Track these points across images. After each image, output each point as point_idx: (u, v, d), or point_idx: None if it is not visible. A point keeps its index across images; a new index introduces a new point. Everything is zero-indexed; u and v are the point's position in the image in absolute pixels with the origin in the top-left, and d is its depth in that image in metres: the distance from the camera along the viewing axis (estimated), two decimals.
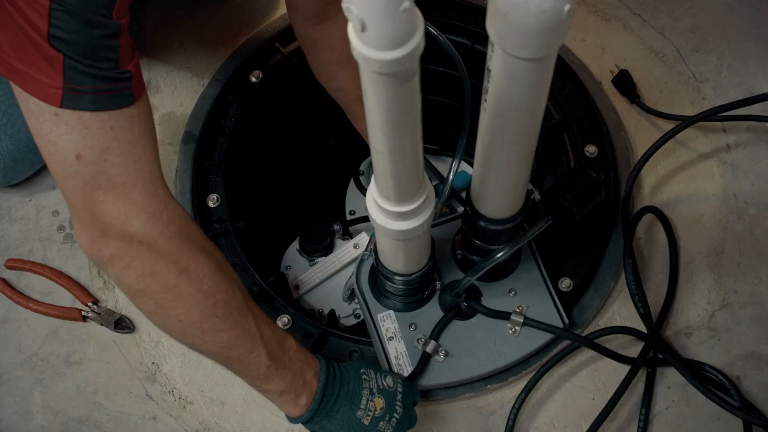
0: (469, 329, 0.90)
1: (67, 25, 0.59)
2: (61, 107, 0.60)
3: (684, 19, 1.18)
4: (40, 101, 0.60)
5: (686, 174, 1.06)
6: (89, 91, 0.61)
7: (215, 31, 1.19)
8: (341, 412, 0.77)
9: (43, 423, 0.93)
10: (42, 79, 0.60)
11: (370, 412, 0.78)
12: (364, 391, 0.79)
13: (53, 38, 0.58)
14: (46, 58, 0.59)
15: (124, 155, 0.64)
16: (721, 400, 0.87)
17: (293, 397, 0.76)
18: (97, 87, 0.61)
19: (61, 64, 0.59)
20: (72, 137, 0.62)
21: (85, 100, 0.61)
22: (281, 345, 0.76)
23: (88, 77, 0.61)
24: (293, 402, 0.76)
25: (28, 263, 1.01)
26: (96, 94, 0.62)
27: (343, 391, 0.78)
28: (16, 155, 1.00)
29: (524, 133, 0.64)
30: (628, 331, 0.92)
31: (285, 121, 1.20)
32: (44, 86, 0.60)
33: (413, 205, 0.67)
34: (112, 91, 0.63)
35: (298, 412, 0.77)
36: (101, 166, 0.63)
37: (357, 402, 0.78)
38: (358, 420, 0.77)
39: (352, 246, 1.06)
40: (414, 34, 0.46)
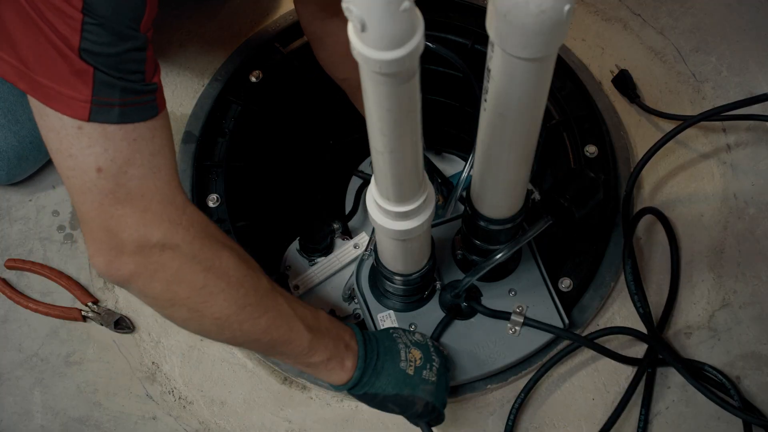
0: (469, 329, 0.90)
1: (98, 38, 0.59)
2: (88, 121, 0.61)
3: (684, 19, 1.18)
4: (64, 116, 0.61)
5: (686, 174, 1.06)
6: (117, 104, 0.62)
7: (215, 31, 1.19)
8: (386, 367, 0.78)
9: (43, 423, 0.93)
10: (69, 93, 0.60)
11: (411, 363, 0.80)
12: (400, 345, 0.81)
13: (84, 52, 0.59)
14: (75, 71, 0.59)
15: (145, 167, 0.65)
16: (721, 400, 0.87)
17: (339, 361, 0.77)
18: (124, 99, 0.62)
19: (91, 78, 0.60)
20: (94, 150, 0.62)
21: (112, 113, 0.61)
22: (315, 317, 0.78)
23: (116, 90, 0.61)
24: (340, 366, 0.77)
25: (28, 263, 1.01)
26: (123, 107, 0.62)
27: (382, 348, 0.80)
28: (20, 152, 1.00)
29: (524, 133, 0.64)
30: (628, 332, 0.92)
31: (285, 121, 1.20)
32: (71, 100, 0.60)
33: (413, 205, 0.67)
34: (138, 103, 0.64)
35: (347, 375, 0.77)
36: (121, 179, 0.63)
37: (397, 355, 0.79)
38: (403, 371, 0.79)
39: (352, 246, 1.06)
40: (414, 34, 0.46)
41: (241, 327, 0.71)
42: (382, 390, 0.78)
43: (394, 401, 0.79)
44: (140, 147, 0.64)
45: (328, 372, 0.78)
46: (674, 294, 0.97)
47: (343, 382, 0.78)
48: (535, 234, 0.82)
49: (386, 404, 0.79)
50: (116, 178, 0.63)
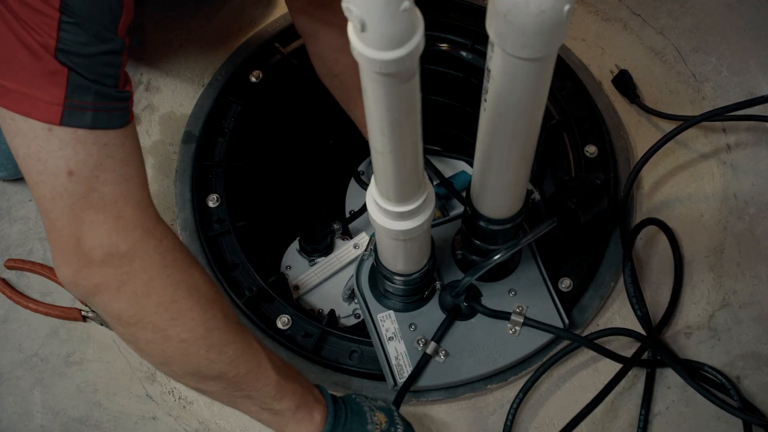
0: (469, 329, 0.90)
1: (75, 37, 0.58)
2: (60, 124, 0.59)
3: (684, 19, 1.18)
4: (31, 119, 0.58)
5: (686, 174, 1.06)
6: (89, 107, 0.60)
7: (215, 31, 1.19)
8: (354, 428, 0.75)
9: (43, 423, 0.93)
10: (39, 95, 0.58)
11: (378, 425, 0.76)
12: (365, 408, 0.78)
13: (60, 52, 0.58)
14: (48, 72, 0.58)
15: (117, 173, 0.62)
16: (720, 401, 0.87)
17: (308, 412, 0.73)
18: (97, 104, 0.60)
19: (65, 79, 0.58)
20: (64, 153, 0.60)
21: (85, 117, 0.60)
22: (284, 363, 0.75)
23: (89, 93, 0.60)
24: (309, 418, 0.73)
25: (28, 263, 1.01)
26: (96, 111, 0.60)
27: (349, 409, 0.77)
28: None
29: (524, 133, 0.64)
30: (626, 333, 0.92)
31: (285, 121, 1.20)
32: (41, 103, 0.58)
33: (413, 205, 0.67)
34: (111, 109, 0.62)
35: (316, 430, 0.73)
36: (93, 183, 0.61)
37: (364, 418, 0.76)
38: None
39: (352, 246, 1.06)
40: (414, 34, 0.46)
41: (207, 354, 0.67)
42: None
43: None
44: (111, 152, 0.62)
45: (296, 423, 0.73)
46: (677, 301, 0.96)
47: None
48: (538, 235, 0.82)
49: None
50: (88, 182, 0.61)
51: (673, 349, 0.94)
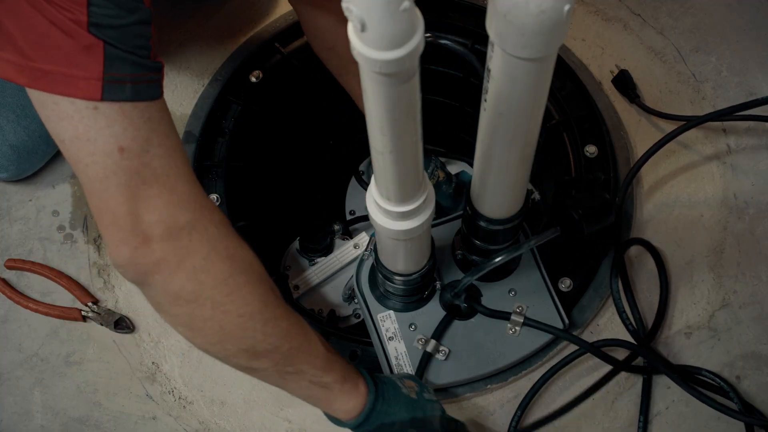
0: (469, 329, 0.90)
1: (106, 11, 0.58)
2: (101, 100, 0.58)
3: (684, 19, 1.18)
4: (75, 99, 0.58)
5: (686, 174, 1.06)
6: (128, 79, 0.60)
7: (215, 31, 1.19)
8: (391, 394, 0.75)
9: (43, 423, 0.93)
10: (77, 73, 0.58)
11: (410, 390, 0.77)
12: (394, 378, 0.79)
13: (92, 26, 0.57)
14: (84, 48, 0.57)
15: (163, 146, 0.62)
16: (720, 405, 0.87)
17: (354, 383, 0.73)
18: (135, 75, 0.60)
19: (101, 52, 0.58)
20: (113, 130, 0.59)
21: (124, 90, 0.59)
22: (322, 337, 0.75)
23: (126, 64, 0.60)
24: (355, 389, 0.73)
25: (28, 263, 1.01)
26: (135, 83, 0.60)
27: (382, 379, 0.77)
28: (30, 146, 1.01)
29: (524, 133, 0.64)
30: (619, 343, 0.91)
31: (285, 121, 1.20)
32: (80, 81, 0.58)
33: (413, 205, 0.67)
34: (148, 81, 0.62)
35: (362, 400, 0.73)
36: (144, 158, 0.61)
37: (398, 385, 0.77)
38: (407, 396, 0.76)
39: (352, 246, 1.06)
40: (414, 34, 0.46)
41: (264, 328, 0.67)
42: (398, 417, 0.74)
43: (412, 425, 0.74)
44: (155, 126, 0.62)
45: (343, 395, 0.73)
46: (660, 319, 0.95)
47: (358, 409, 0.73)
48: (540, 242, 0.83)
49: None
50: (140, 157, 0.60)
51: (673, 349, 0.94)
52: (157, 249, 0.62)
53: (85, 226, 1.05)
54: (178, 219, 0.63)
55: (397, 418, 0.74)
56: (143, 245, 0.62)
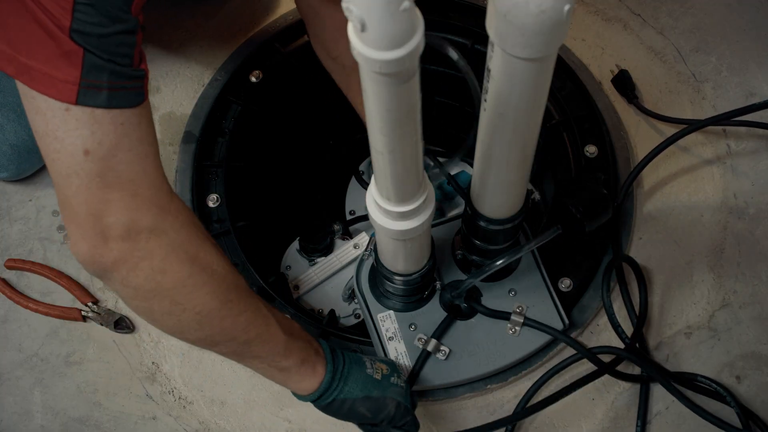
0: (469, 329, 0.90)
1: (90, 18, 0.59)
2: (75, 104, 0.60)
3: (684, 19, 1.18)
4: (49, 98, 0.59)
5: (686, 174, 1.06)
6: (105, 86, 0.61)
7: (215, 31, 1.19)
8: (353, 373, 0.79)
9: (43, 423, 0.93)
10: (56, 74, 0.59)
11: (378, 371, 0.80)
12: (365, 359, 0.82)
13: (75, 32, 0.58)
14: (64, 53, 0.59)
15: (132, 152, 0.64)
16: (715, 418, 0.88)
17: (311, 366, 0.77)
18: (112, 83, 0.61)
19: (80, 59, 0.59)
20: (81, 132, 0.61)
21: (100, 97, 0.61)
22: (289, 321, 0.79)
23: (104, 72, 0.61)
24: (312, 371, 0.77)
25: (28, 263, 1.01)
26: (111, 90, 0.61)
27: (347, 357, 0.80)
28: (30, 146, 1.01)
29: (524, 133, 0.64)
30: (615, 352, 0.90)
31: (285, 121, 1.20)
32: (58, 82, 0.59)
33: (413, 205, 0.67)
34: (126, 88, 0.63)
35: (317, 381, 0.77)
36: (110, 162, 0.62)
37: (363, 364, 0.81)
38: (370, 376, 0.79)
39: (352, 246, 1.06)
40: (414, 34, 0.46)
41: (221, 323, 0.70)
42: (351, 394, 0.77)
43: (363, 404, 0.78)
44: (127, 132, 0.63)
45: (300, 377, 0.77)
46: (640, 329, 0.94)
47: (313, 388, 0.77)
48: (542, 242, 0.83)
49: (356, 409, 0.78)
50: (104, 161, 0.62)
51: (673, 349, 0.94)
52: (115, 248, 0.64)
53: None
54: (137, 222, 0.64)
55: (350, 395, 0.77)
56: (101, 244, 0.64)
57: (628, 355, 0.89)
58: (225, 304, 0.70)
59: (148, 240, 0.65)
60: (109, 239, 0.64)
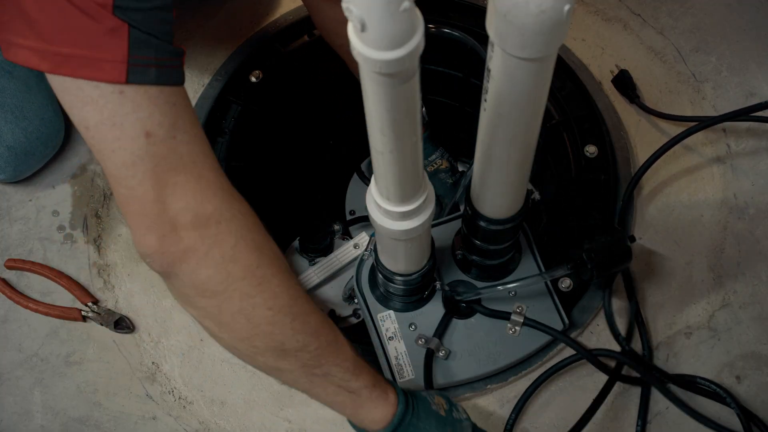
0: (469, 329, 0.90)
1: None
2: (126, 83, 0.57)
3: (684, 19, 1.18)
4: (100, 83, 0.57)
5: (686, 174, 1.06)
6: (153, 63, 0.59)
7: (215, 31, 1.19)
8: (422, 407, 0.73)
9: (43, 423, 0.93)
10: (102, 56, 0.57)
11: (440, 407, 0.75)
12: (422, 393, 0.77)
13: (117, 9, 0.57)
14: (109, 30, 0.57)
15: (189, 133, 0.61)
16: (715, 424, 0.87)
17: (383, 391, 0.70)
18: (159, 59, 0.59)
19: (126, 34, 0.57)
20: (140, 115, 0.58)
21: (149, 73, 0.59)
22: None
23: (151, 48, 0.59)
24: (384, 397, 0.70)
25: (28, 263, 1.01)
26: (159, 67, 0.59)
27: (409, 392, 0.75)
28: (28, 148, 1.01)
29: (524, 133, 0.64)
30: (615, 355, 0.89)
31: (285, 121, 1.20)
32: (105, 63, 0.57)
33: (413, 205, 0.67)
34: (171, 65, 0.61)
35: (391, 410, 0.70)
36: (171, 144, 0.60)
37: (427, 401, 0.75)
38: (437, 413, 0.73)
39: (352, 246, 1.06)
40: (414, 34, 0.46)
41: (292, 323, 0.65)
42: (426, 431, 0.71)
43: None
44: (181, 112, 0.61)
45: (372, 403, 0.69)
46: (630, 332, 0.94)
47: (387, 419, 0.69)
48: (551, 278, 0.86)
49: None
50: (167, 143, 0.59)
51: (673, 349, 0.94)
52: (185, 237, 0.61)
53: (85, 226, 1.05)
54: (206, 207, 0.62)
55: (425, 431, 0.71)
56: (171, 233, 0.61)
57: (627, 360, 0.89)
58: (295, 300, 0.66)
59: (218, 226, 0.62)
60: (178, 227, 0.61)
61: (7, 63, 0.99)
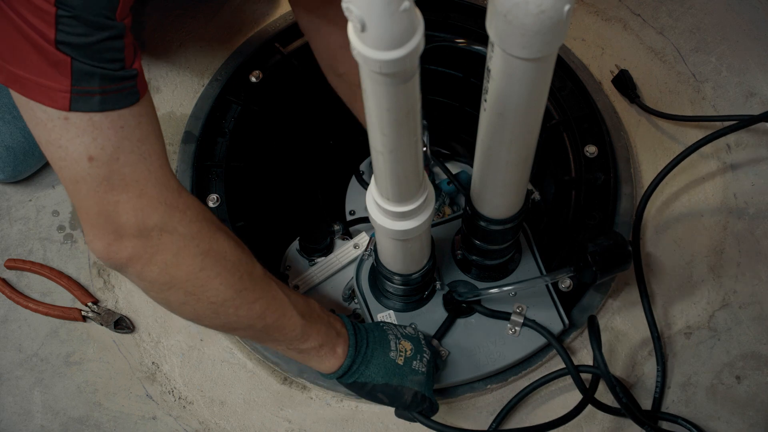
0: (469, 329, 0.90)
1: (74, 29, 0.59)
2: (69, 110, 0.61)
3: (684, 19, 1.18)
4: (47, 108, 0.61)
5: (686, 174, 1.06)
6: (97, 92, 0.61)
7: (215, 31, 1.19)
8: (375, 356, 0.80)
9: (43, 423, 0.93)
10: (48, 84, 0.60)
11: (401, 354, 0.81)
12: (390, 336, 0.82)
13: (60, 44, 0.59)
14: (52, 63, 0.59)
15: (135, 153, 0.65)
16: None
17: (330, 348, 0.78)
18: (104, 87, 0.62)
19: (69, 68, 0.60)
20: (83, 140, 0.62)
21: (93, 102, 0.61)
22: (307, 304, 0.80)
23: (95, 78, 0.61)
24: (331, 353, 0.78)
25: (28, 263, 1.01)
26: (103, 95, 0.62)
27: (371, 337, 0.81)
28: (26, 148, 1.01)
29: (524, 133, 0.64)
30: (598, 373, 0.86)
31: (285, 121, 1.20)
32: (50, 91, 0.60)
33: (413, 205, 0.67)
34: (118, 90, 0.63)
35: (338, 362, 0.79)
36: (113, 166, 0.63)
37: (387, 345, 0.81)
38: (393, 361, 0.80)
39: (352, 246, 1.06)
40: (414, 34, 0.46)
41: (236, 312, 0.72)
42: (371, 379, 0.79)
43: (382, 391, 0.79)
44: (127, 134, 0.64)
45: (319, 358, 0.78)
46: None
47: (334, 369, 0.79)
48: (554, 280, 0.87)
49: (375, 394, 0.80)
50: (109, 165, 0.63)
51: (673, 349, 0.94)
52: (129, 246, 0.66)
53: None
54: (147, 221, 0.66)
55: (370, 380, 0.79)
56: (115, 242, 0.66)
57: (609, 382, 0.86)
58: (239, 293, 0.71)
59: (160, 236, 0.66)
60: (123, 237, 0.66)
61: None
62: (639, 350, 0.94)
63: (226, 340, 0.97)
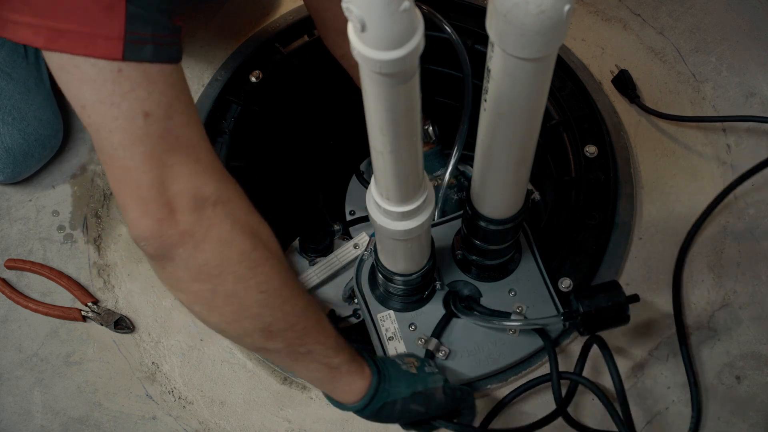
0: (469, 329, 0.90)
1: None
2: (123, 59, 0.56)
3: (684, 19, 1.18)
4: (98, 60, 0.56)
5: (686, 174, 1.06)
6: (149, 39, 0.57)
7: (215, 31, 1.19)
8: (392, 371, 0.76)
9: (43, 423, 0.93)
10: (98, 32, 0.55)
11: (411, 365, 0.79)
12: (393, 357, 0.81)
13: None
14: (105, 6, 0.56)
15: (185, 114, 0.60)
16: None
17: (359, 365, 0.73)
18: (156, 36, 0.58)
19: (123, 9, 0.56)
20: (138, 94, 0.57)
21: (146, 50, 0.57)
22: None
23: (148, 24, 0.58)
24: (360, 370, 0.73)
25: (28, 263, 1.01)
26: (156, 44, 0.58)
27: (380, 359, 0.78)
28: (25, 150, 1.01)
29: (524, 133, 0.64)
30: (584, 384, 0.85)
31: (285, 121, 1.20)
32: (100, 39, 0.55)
33: (413, 205, 0.67)
34: (168, 43, 0.59)
35: (365, 383, 0.73)
36: (169, 125, 0.58)
37: (396, 363, 0.79)
38: (407, 372, 0.77)
39: (352, 246, 1.06)
40: (414, 34, 0.46)
41: (282, 306, 0.66)
42: (398, 395, 0.74)
43: (415, 401, 0.75)
44: (178, 93, 0.60)
45: (350, 377, 0.73)
46: None
47: (363, 390, 0.73)
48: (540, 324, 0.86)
49: (408, 408, 0.75)
50: (164, 123, 0.58)
51: (674, 348, 0.94)
52: (182, 221, 0.60)
53: (85, 226, 1.05)
54: (203, 190, 0.61)
55: (398, 396, 0.74)
56: (168, 217, 0.60)
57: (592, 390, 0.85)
58: (285, 283, 0.66)
59: (215, 209, 0.61)
60: (175, 211, 0.60)
61: (5, 65, 0.99)
62: None
63: (226, 339, 0.97)
